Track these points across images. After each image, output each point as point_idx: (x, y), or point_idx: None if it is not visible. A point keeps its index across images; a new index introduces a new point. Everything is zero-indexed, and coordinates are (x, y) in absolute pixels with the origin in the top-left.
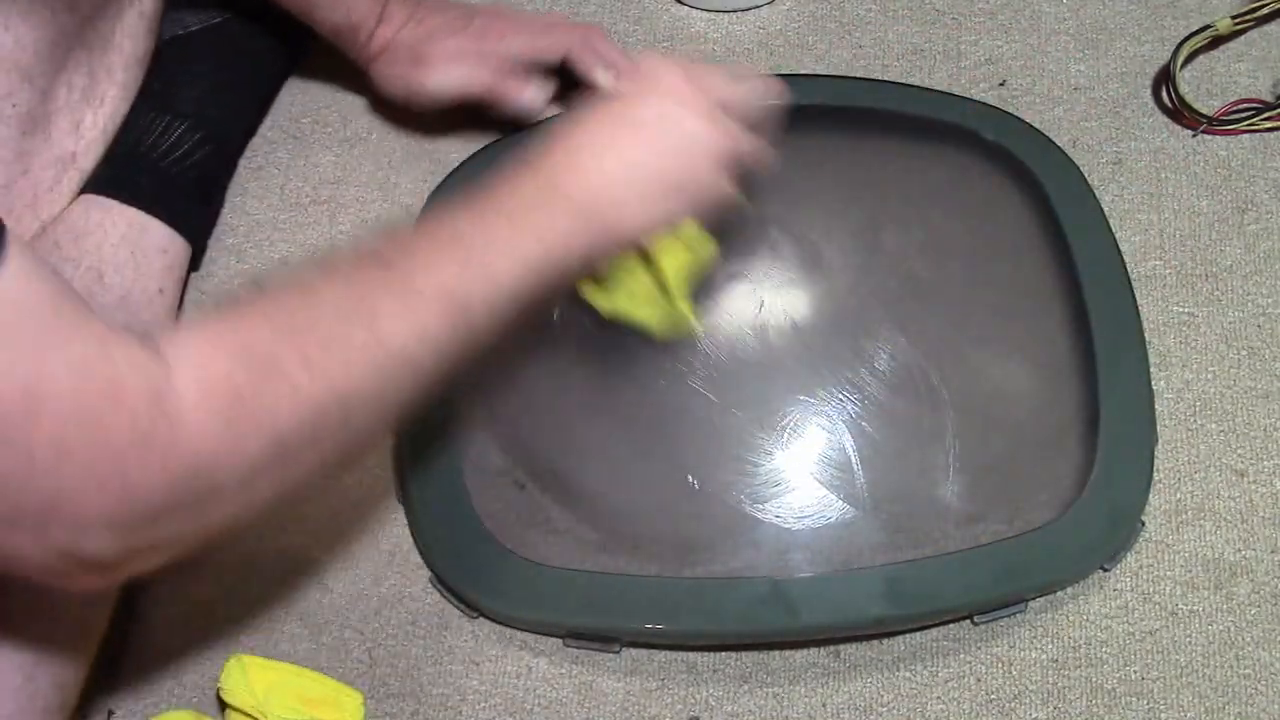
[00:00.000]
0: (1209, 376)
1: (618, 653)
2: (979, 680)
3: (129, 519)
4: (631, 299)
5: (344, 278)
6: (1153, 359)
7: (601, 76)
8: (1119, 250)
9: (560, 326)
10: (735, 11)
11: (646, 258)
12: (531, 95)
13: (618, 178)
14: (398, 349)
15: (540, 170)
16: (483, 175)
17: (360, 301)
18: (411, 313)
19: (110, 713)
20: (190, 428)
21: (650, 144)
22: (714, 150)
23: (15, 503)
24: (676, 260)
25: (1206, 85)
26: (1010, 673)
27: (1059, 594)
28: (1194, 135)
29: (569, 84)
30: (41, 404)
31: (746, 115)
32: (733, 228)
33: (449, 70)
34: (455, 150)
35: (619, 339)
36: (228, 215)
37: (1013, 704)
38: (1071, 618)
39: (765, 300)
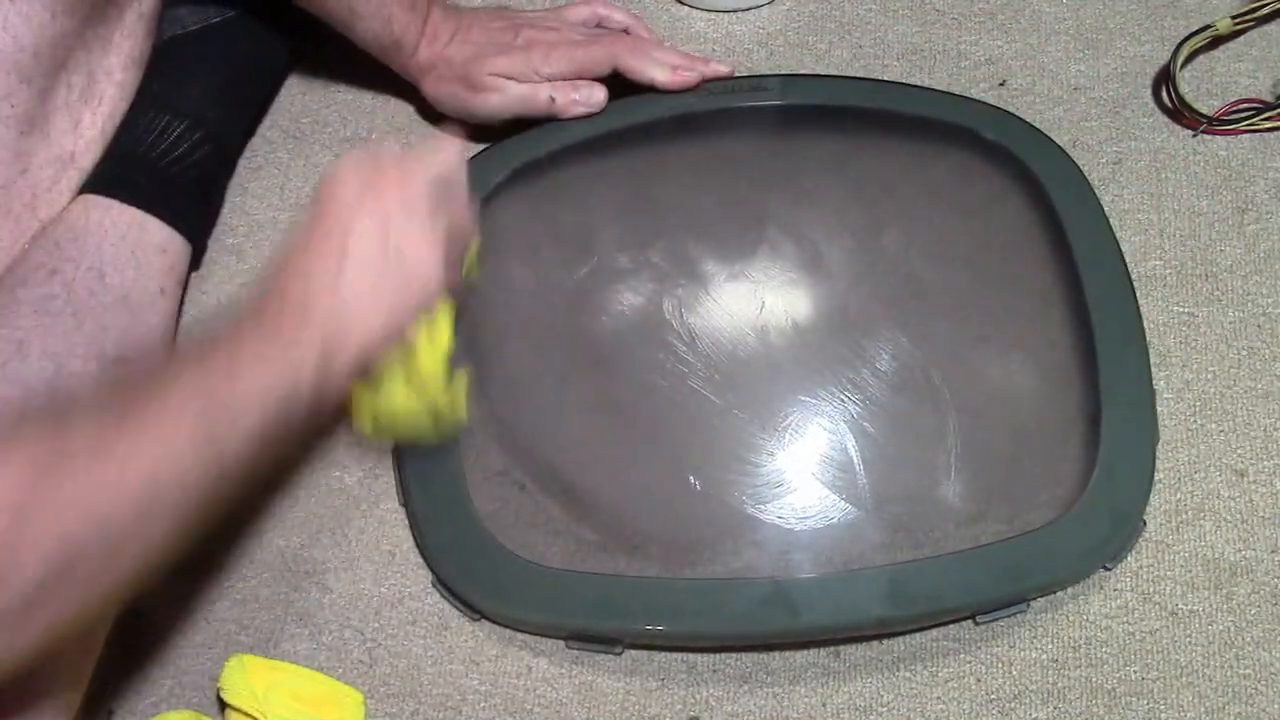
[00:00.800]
0: (1209, 376)
1: (619, 654)
2: (979, 680)
3: None
4: (394, 405)
5: (98, 404)
6: (1153, 359)
7: (659, 75)
8: (1120, 250)
9: (560, 327)
10: (735, 11)
11: (392, 370)
12: (586, 102)
13: (351, 298)
14: (147, 472)
15: (277, 299)
16: (482, 176)
17: (113, 425)
18: (159, 438)
19: (110, 713)
20: None
21: (375, 259)
22: (434, 249)
23: None
24: (427, 362)
25: (1206, 85)
26: (1010, 673)
27: (1059, 594)
28: (1194, 135)
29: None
30: None
31: (447, 187)
32: (466, 298)
33: (504, 96)
34: None
35: (619, 339)
36: (228, 215)
37: (1013, 704)
38: (1072, 618)
39: (766, 301)
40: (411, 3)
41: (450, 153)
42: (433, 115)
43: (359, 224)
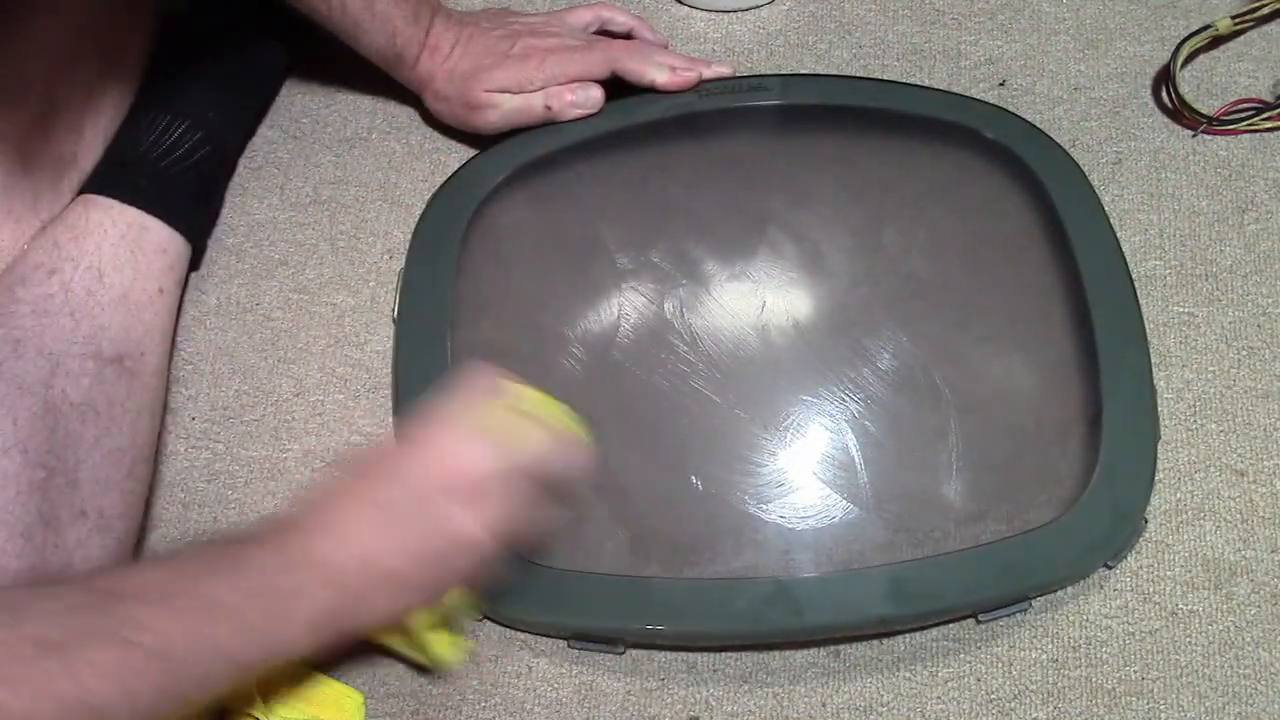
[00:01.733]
0: (1209, 376)
1: (620, 653)
2: (979, 680)
3: None
4: (393, 643)
5: (64, 604)
6: (1153, 359)
7: (659, 76)
8: (1120, 249)
9: (560, 328)
10: (735, 11)
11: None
12: (583, 103)
13: (381, 563)
14: (85, 695)
15: (303, 538)
16: (483, 177)
17: (75, 634)
18: (108, 661)
19: None
20: None
21: (416, 526)
22: (482, 525)
23: None
24: (428, 624)
25: (1206, 85)
26: (1010, 673)
27: (1060, 594)
28: (1194, 135)
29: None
30: None
31: (538, 475)
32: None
33: (500, 112)
34: (456, 151)
35: (620, 340)
36: (228, 215)
37: (1013, 704)
38: (1071, 618)
39: (767, 301)
40: (414, 15)
41: (556, 449)
42: (433, 118)
43: (409, 480)
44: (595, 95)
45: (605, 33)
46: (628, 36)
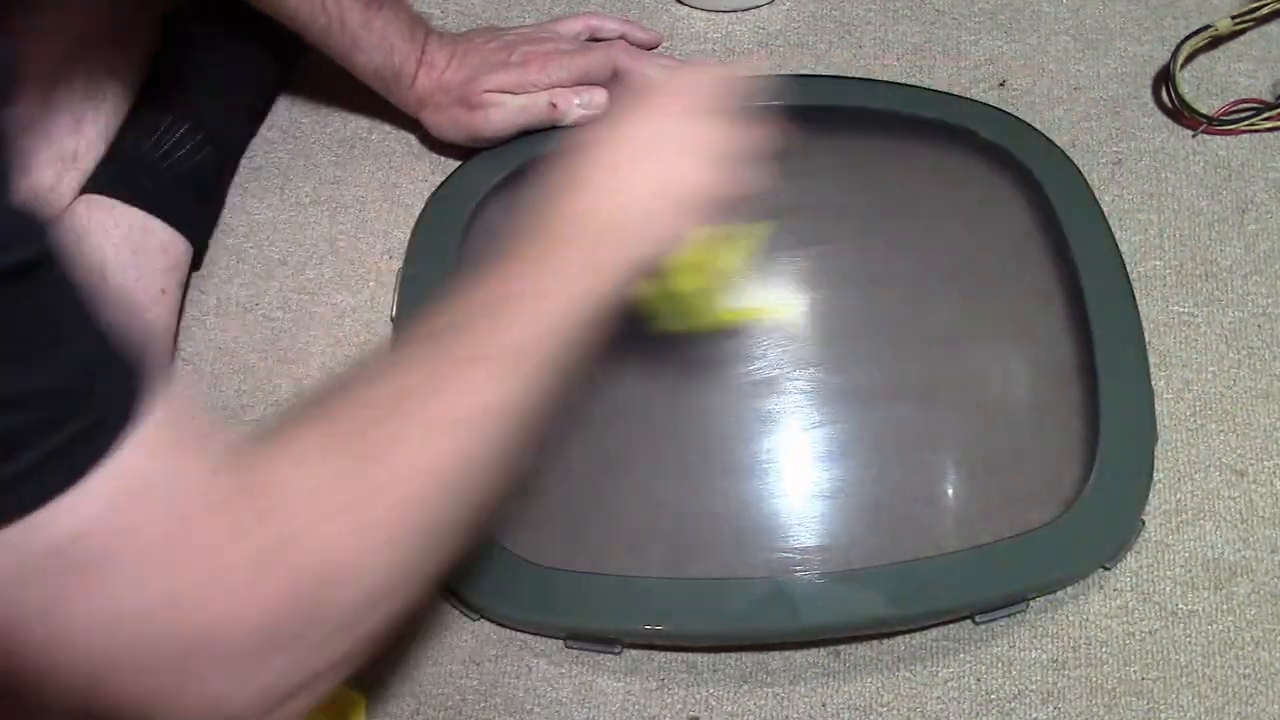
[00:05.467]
0: (1209, 376)
1: (619, 653)
2: (979, 680)
3: (262, 645)
4: (672, 306)
5: (395, 364)
6: (1153, 359)
7: (659, 75)
8: (1119, 250)
9: None
10: (735, 11)
11: (686, 265)
12: (588, 105)
13: (636, 203)
14: (463, 418)
15: (561, 211)
16: (483, 177)
17: (421, 377)
18: (466, 380)
19: None
20: (304, 539)
21: (659, 165)
22: (720, 155)
23: (155, 643)
24: (704, 261)
25: (1206, 85)
26: (1010, 673)
27: (1059, 594)
28: (1194, 135)
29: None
30: (176, 534)
31: (745, 106)
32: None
33: (504, 110)
34: (455, 151)
35: (619, 340)
36: (228, 215)
37: (1013, 704)
38: (1071, 618)
39: (766, 301)
40: (410, 33)
41: (728, 71)
42: None
43: (634, 134)
44: (600, 98)
45: (595, 39)
46: None
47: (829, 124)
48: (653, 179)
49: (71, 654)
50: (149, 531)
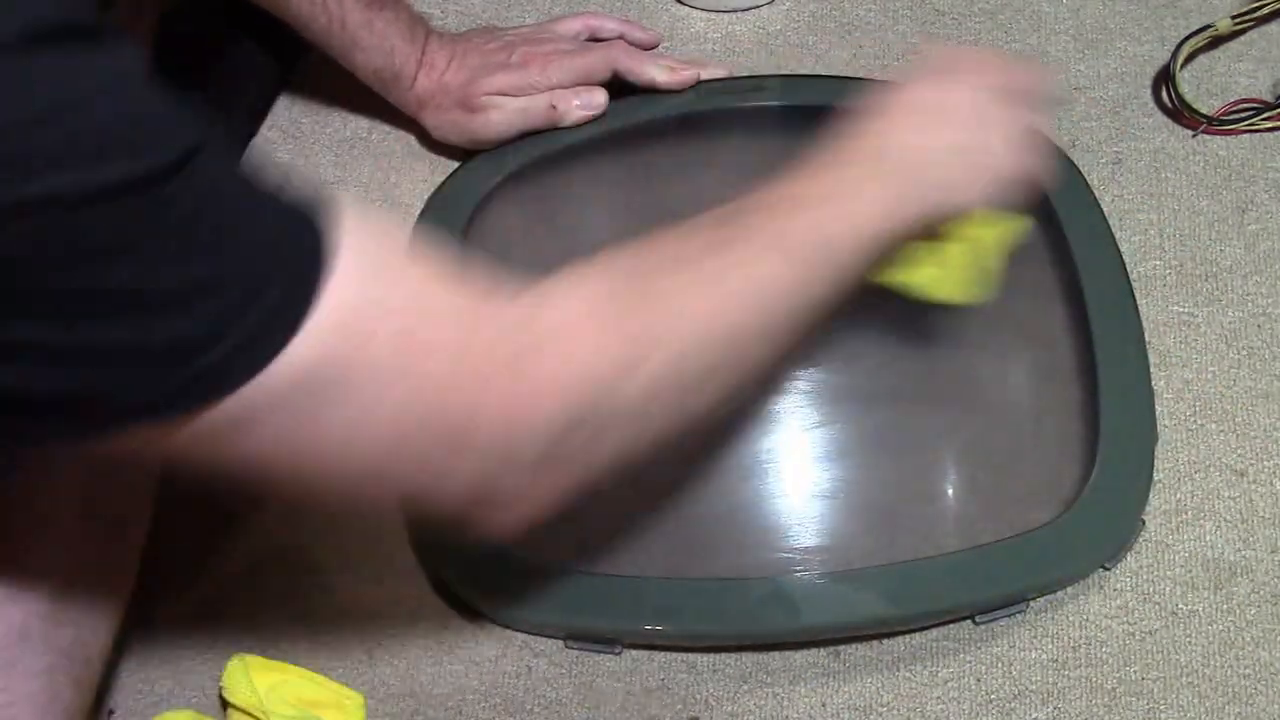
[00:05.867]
0: (1209, 376)
1: (618, 654)
2: (979, 680)
3: (530, 442)
4: (926, 273)
5: (684, 235)
6: (1153, 359)
7: (659, 75)
8: (1119, 250)
9: None
10: (735, 11)
11: (950, 233)
12: (587, 105)
13: (935, 151)
14: (738, 293)
15: (858, 148)
16: (483, 177)
17: (701, 249)
18: (739, 259)
19: (110, 712)
20: (566, 344)
21: (960, 121)
22: (1016, 129)
23: (426, 432)
24: (978, 235)
25: (1206, 85)
26: (1010, 673)
27: (1059, 594)
28: (1194, 135)
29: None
30: (465, 333)
31: (1030, 99)
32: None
33: (504, 112)
34: (455, 151)
35: None
36: None
37: (1013, 704)
38: (1071, 618)
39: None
40: (410, 34)
41: (1024, 71)
42: None
43: (952, 92)
44: (599, 99)
45: (594, 39)
46: None
47: (829, 124)
48: (959, 137)
49: (332, 468)
50: (375, 350)
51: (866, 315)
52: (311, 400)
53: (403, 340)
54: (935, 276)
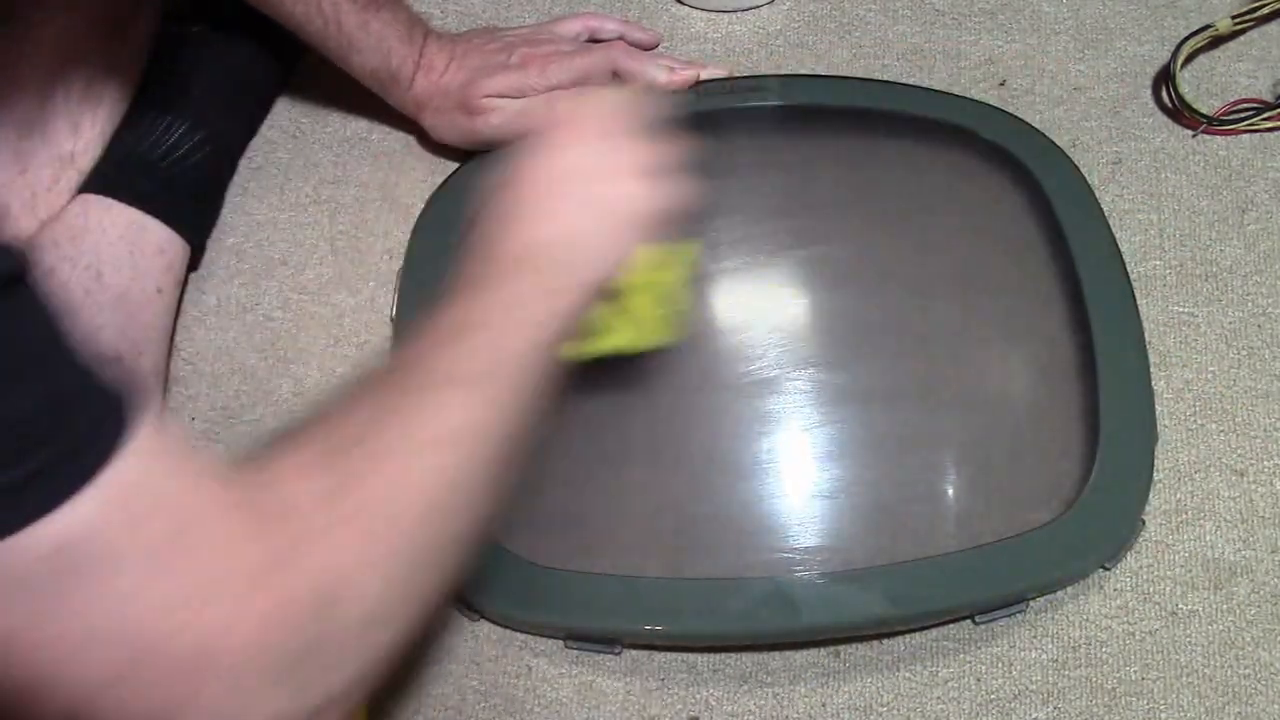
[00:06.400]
0: (1209, 376)
1: (618, 654)
2: (979, 680)
3: (283, 663)
4: (619, 332)
5: (362, 399)
6: (1153, 359)
7: (659, 75)
8: (1119, 250)
9: None
10: (735, 11)
11: (624, 289)
12: None
13: (572, 232)
14: (435, 441)
15: (499, 249)
16: (482, 179)
17: (385, 410)
18: (433, 406)
19: None
20: (304, 547)
21: (587, 192)
22: (641, 175)
23: (155, 655)
24: (647, 282)
25: (1206, 85)
26: (1010, 673)
27: (1059, 594)
28: (1194, 135)
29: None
30: (179, 535)
31: (657, 126)
32: (703, 220)
33: (503, 114)
34: (455, 151)
35: None
36: (228, 215)
37: (1013, 704)
38: (1071, 618)
39: (766, 301)
40: (408, 35)
41: (623, 93)
42: None
43: (564, 162)
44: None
45: (594, 40)
46: None
47: (829, 124)
48: (591, 201)
49: (72, 665)
50: (146, 537)
51: (866, 315)
52: (66, 578)
53: (172, 540)
54: (628, 335)
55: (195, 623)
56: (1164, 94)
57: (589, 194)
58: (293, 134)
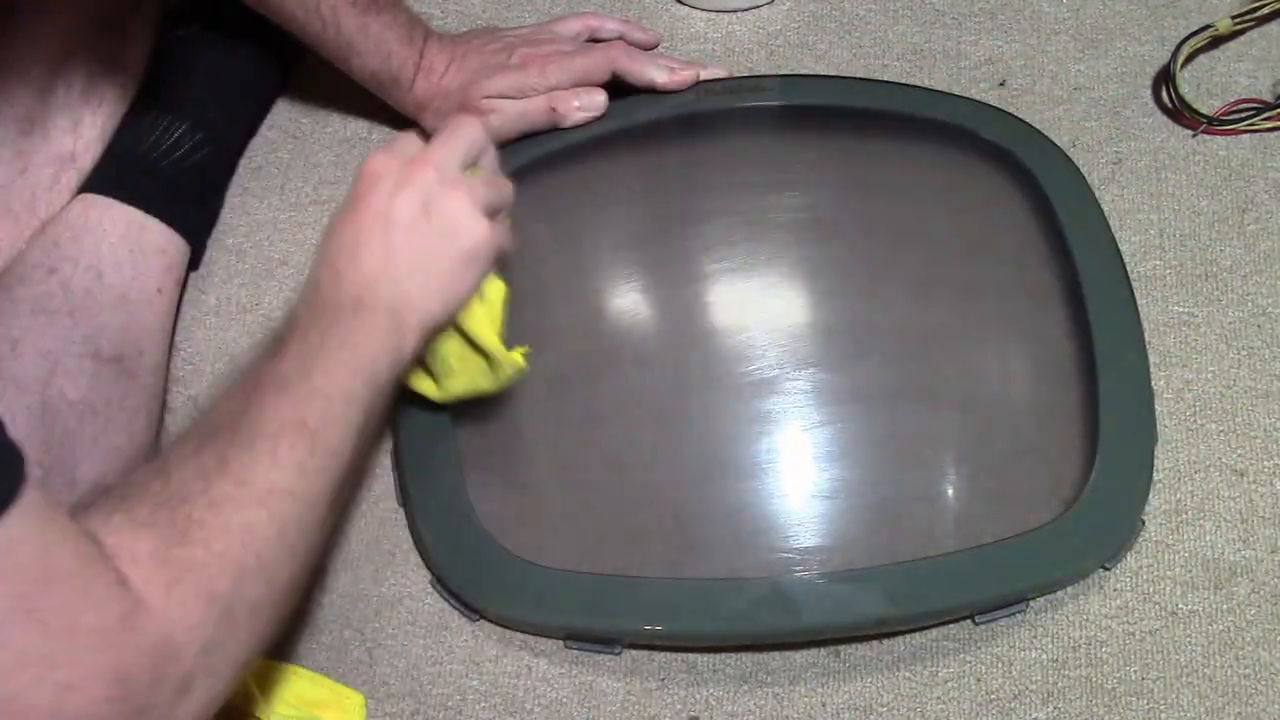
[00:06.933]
0: (1209, 376)
1: (618, 654)
2: (979, 680)
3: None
4: (461, 375)
5: (192, 450)
6: (1153, 359)
7: (659, 76)
8: (1119, 250)
9: (558, 327)
10: (735, 11)
11: (456, 331)
12: (588, 107)
13: (402, 273)
14: (269, 487)
15: (330, 292)
16: None
17: (216, 460)
18: (264, 453)
19: None
20: (147, 605)
21: (418, 232)
22: (473, 213)
23: (13, 706)
24: (479, 318)
25: (1206, 85)
26: (1010, 673)
27: (1059, 594)
28: (1194, 135)
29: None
30: (43, 593)
31: (476, 160)
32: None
33: (503, 115)
34: None
35: (618, 340)
36: (228, 215)
37: (1013, 704)
38: (1071, 618)
39: (766, 301)
40: (408, 37)
41: (471, 128)
42: None
43: (398, 203)
44: (600, 99)
45: (594, 40)
46: None
47: (829, 124)
48: (425, 239)
49: None
50: (14, 590)
51: (866, 315)
52: None
53: (29, 598)
54: (477, 375)
55: (45, 677)
56: (1164, 94)
57: (422, 232)
58: (293, 134)
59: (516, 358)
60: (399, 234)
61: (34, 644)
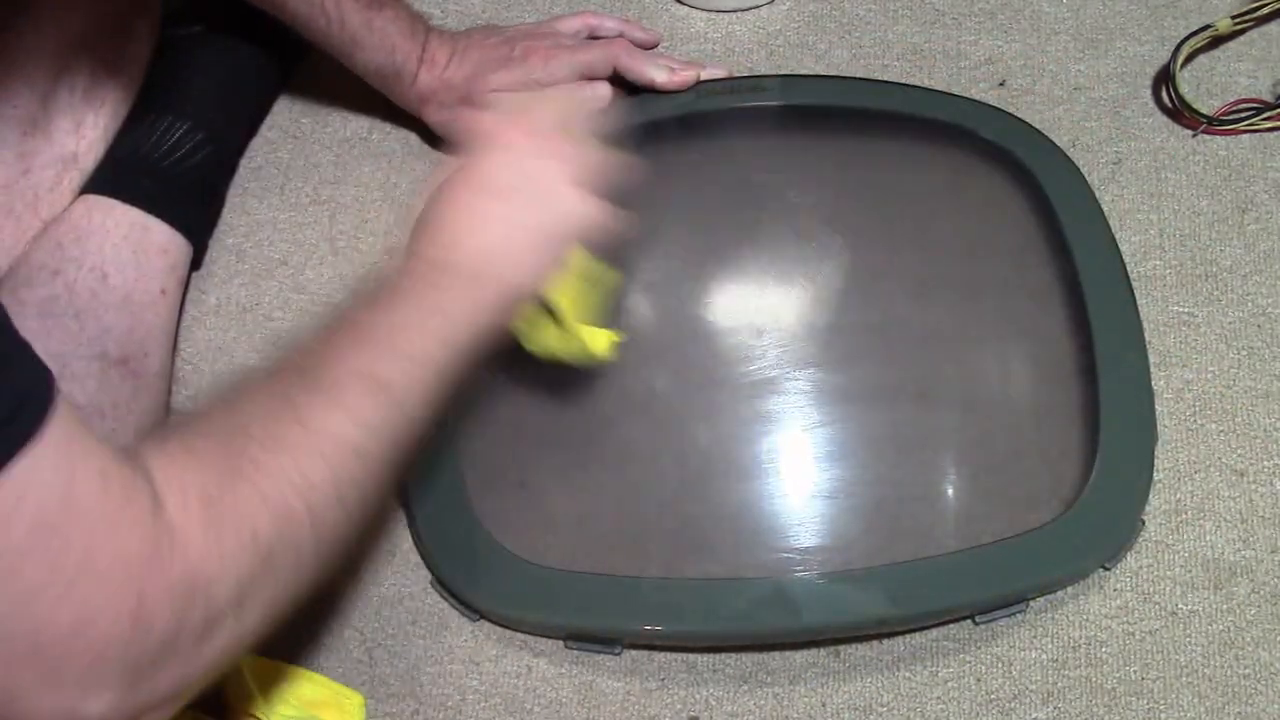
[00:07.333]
0: (1209, 376)
1: (618, 654)
2: (979, 680)
3: (139, 653)
4: (548, 341)
5: (263, 387)
6: (1153, 359)
7: (659, 75)
8: (1119, 250)
9: None
10: (735, 11)
11: (548, 302)
12: (591, 99)
13: (496, 242)
14: (334, 438)
15: (424, 255)
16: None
17: (285, 401)
18: (336, 402)
19: None
20: (181, 537)
21: (515, 202)
22: (573, 186)
23: (32, 634)
24: (571, 296)
25: (1206, 85)
26: (1010, 673)
27: (1059, 594)
28: (1194, 135)
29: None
30: (64, 521)
31: (591, 136)
32: (631, 243)
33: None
34: (456, 150)
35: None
36: (228, 215)
37: (1013, 704)
38: (1071, 618)
39: (766, 301)
40: (411, 31)
41: (585, 99)
42: None
43: (492, 169)
44: (604, 91)
45: (594, 38)
46: None
47: (829, 124)
48: (521, 210)
49: None
50: (30, 520)
51: (866, 315)
52: None
53: (55, 526)
54: (544, 345)
55: (71, 600)
56: (1164, 94)
57: (520, 202)
58: (293, 134)
59: (601, 342)
60: (490, 203)
61: (53, 570)
